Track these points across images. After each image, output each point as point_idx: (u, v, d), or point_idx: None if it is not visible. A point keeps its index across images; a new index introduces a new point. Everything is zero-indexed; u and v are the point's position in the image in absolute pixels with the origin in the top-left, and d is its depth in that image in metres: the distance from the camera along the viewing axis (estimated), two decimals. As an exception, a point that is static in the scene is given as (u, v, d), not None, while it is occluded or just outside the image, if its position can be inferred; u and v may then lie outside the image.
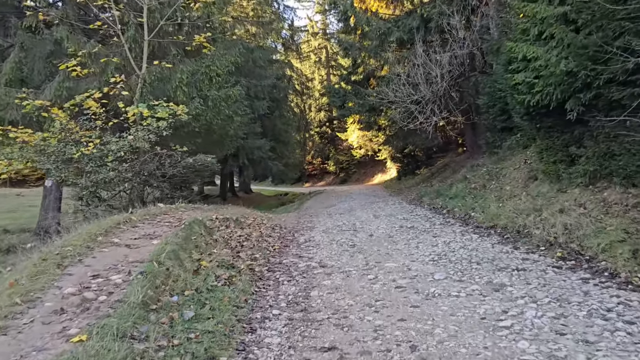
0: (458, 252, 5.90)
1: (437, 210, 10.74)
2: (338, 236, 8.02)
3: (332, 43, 48.13)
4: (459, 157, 21.21)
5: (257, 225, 8.73)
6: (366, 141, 33.37)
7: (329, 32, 48.47)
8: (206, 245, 5.87)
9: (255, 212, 11.10)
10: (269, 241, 7.41)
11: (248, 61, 24.17)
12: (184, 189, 9.64)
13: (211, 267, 5.04)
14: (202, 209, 8.52)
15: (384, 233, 8.06)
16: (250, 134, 23.06)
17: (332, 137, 43.98)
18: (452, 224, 8.48)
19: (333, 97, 19.43)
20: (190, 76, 10.30)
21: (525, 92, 7.73)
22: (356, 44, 18.21)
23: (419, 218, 9.62)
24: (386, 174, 34.75)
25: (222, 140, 12.50)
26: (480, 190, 10.79)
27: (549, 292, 4.04)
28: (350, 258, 6.15)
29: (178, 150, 9.17)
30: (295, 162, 33.49)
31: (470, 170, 14.01)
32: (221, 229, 7.14)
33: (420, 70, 13.59)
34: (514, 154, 11.74)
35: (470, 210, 9.35)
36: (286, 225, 9.90)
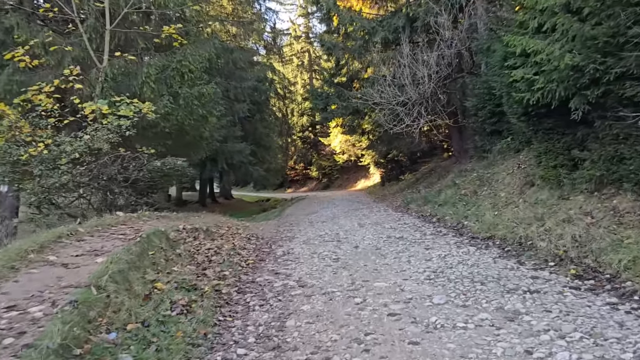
0: (457, 269, 5.16)
1: (426, 218, 10.03)
2: (320, 248, 7.23)
3: (314, 47, 47.59)
4: (445, 162, 20.64)
5: (230, 235, 7.90)
6: (349, 146, 32.74)
7: (312, 35, 47.94)
8: (166, 262, 5.04)
9: (231, 221, 10.26)
10: (243, 254, 6.59)
11: (228, 62, 23.38)
12: (150, 195, 8.75)
13: (168, 290, 4.21)
14: (169, 218, 7.66)
15: (371, 244, 7.30)
16: (229, 138, 22.20)
17: (315, 142, 43.26)
18: (444, 234, 7.77)
19: (315, 100, 18.68)
20: (160, 72, 9.45)
21: (524, 90, 7.08)
22: (339, 44, 17.50)
23: (407, 227, 8.89)
24: (369, 179, 34.15)
25: (196, 143, 11.63)
26: (471, 197, 10.13)
27: (576, 323, 3.32)
28: (334, 275, 5.37)
29: (144, 152, 8.31)
30: (277, 168, 32.65)
31: (458, 175, 13.38)
32: (188, 241, 6.31)
33: (407, 71, 12.93)
34: (505, 159, 11.13)
35: (463, 218, 8.66)
36: (264, 235, 9.08)
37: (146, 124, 8.68)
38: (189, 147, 11.61)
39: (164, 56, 9.78)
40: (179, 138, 10.52)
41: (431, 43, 13.64)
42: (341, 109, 16.92)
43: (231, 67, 23.39)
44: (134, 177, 7.75)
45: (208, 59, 10.80)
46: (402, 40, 13.94)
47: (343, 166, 39.02)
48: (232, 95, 22.39)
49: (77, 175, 7.05)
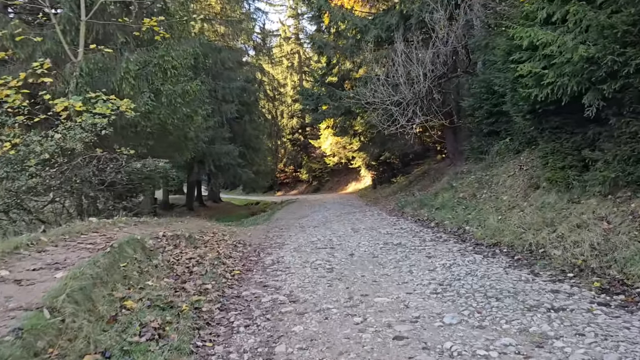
0: (466, 281, 4.65)
1: (424, 223, 9.53)
2: (312, 256, 6.68)
3: (304, 48, 47.09)
4: (438, 164, 20.20)
5: (215, 242, 7.33)
6: (340, 148, 32.25)
7: (302, 37, 47.45)
8: (140, 275, 4.46)
9: (217, 226, 9.68)
10: (228, 264, 6.02)
11: (216, 62, 22.78)
12: (130, 198, 8.15)
13: (138, 310, 3.64)
14: (149, 224, 7.07)
15: (367, 252, 6.77)
16: (217, 139, 21.61)
17: (305, 144, 42.73)
18: (445, 241, 7.26)
19: (306, 100, 18.16)
20: (140, 68, 8.84)
21: (531, 86, 6.60)
22: (330, 43, 17.01)
23: (405, 232, 8.38)
24: (360, 182, 33.68)
25: (180, 143, 11.02)
26: (470, 200, 9.65)
27: (619, 350, 2.81)
28: (329, 288, 4.83)
29: (123, 152, 7.71)
30: (266, 170, 32.02)
31: (454, 178, 12.92)
32: (167, 250, 5.73)
33: (401, 69, 12.44)
34: (505, 160, 10.68)
35: (464, 223, 8.16)
36: (251, 241, 8.51)
37: (125, 122, 8.09)
38: (173, 147, 11.00)
39: (145, 51, 9.18)
40: (161, 138, 9.91)
41: (426, 42, 13.19)
42: (332, 109, 16.41)
43: (219, 67, 22.80)
44: (111, 180, 7.13)
45: (193, 55, 10.21)
46: (396, 38, 13.46)
47: (333, 169, 38.53)
48: (219, 95, 21.81)
49: (47, 178, 6.44)
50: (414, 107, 12.60)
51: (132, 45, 9.42)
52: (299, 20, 45.83)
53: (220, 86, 21.75)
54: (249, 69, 28.34)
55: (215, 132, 21.49)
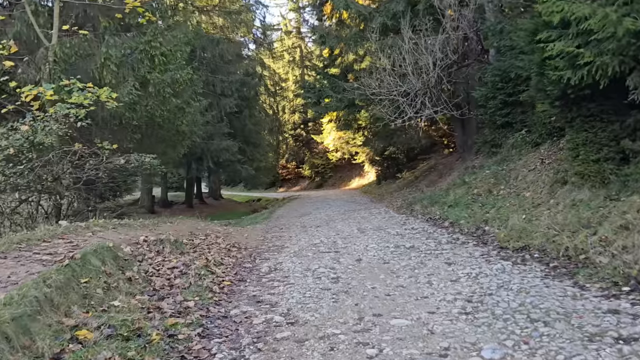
0: (499, 297, 3.86)
1: (437, 222, 8.74)
2: (315, 262, 5.91)
3: (306, 42, 46.22)
4: (446, 159, 19.40)
5: (206, 247, 6.56)
6: (343, 143, 31.47)
7: (304, 30, 46.56)
8: (106, 292, 3.70)
9: (211, 227, 8.91)
10: (218, 273, 5.24)
11: (214, 55, 22.03)
12: (114, 198, 7.39)
13: (94, 342, 2.87)
14: (131, 227, 6.30)
15: (376, 257, 5.99)
16: (216, 135, 20.85)
17: (307, 139, 41.93)
18: (464, 243, 6.47)
19: (307, 93, 17.39)
20: (125, 54, 8.06)
21: (563, 68, 5.79)
22: (333, 32, 16.19)
23: (416, 233, 7.59)
24: (364, 178, 32.91)
25: (172, 138, 10.23)
26: (486, 197, 8.85)
27: None
28: (334, 305, 4.05)
29: (104, 148, 6.95)
30: (267, 166, 31.25)
31: (466, 173, 12.12)
32: (147, 258, 4.97)
33: (409, 58, 11.62)
34: (522, 153, 9.89)
35: (482, 223, 7.37)
36: (247, 244, 7.74)
37: (108, 114, 7.32)
38: (165, 143, 10.23)
39: (131, 37, 8.39)
40: (151, 132, 9.14)
41: (435, 29, 12.35)
42: (335, 101, 15.60)
43: (217, 60, 22.04)
44: (87, 178, 6.36)
45: (185, 42, 9.42)
46: (403, 26, 12.62)
47: (336, 164, 37.78)
48: (218, 89, 21.05)
49: (11, 176, 5.67)
50: (422, 97, 11.79)
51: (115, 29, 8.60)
52: (300, 13, 44.95)
53: (218, 79, 20.98)
54: (248, 62, 27.54)
55: (214, 127, 20.75)
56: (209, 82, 21.17)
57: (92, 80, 7.13)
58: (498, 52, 11.30)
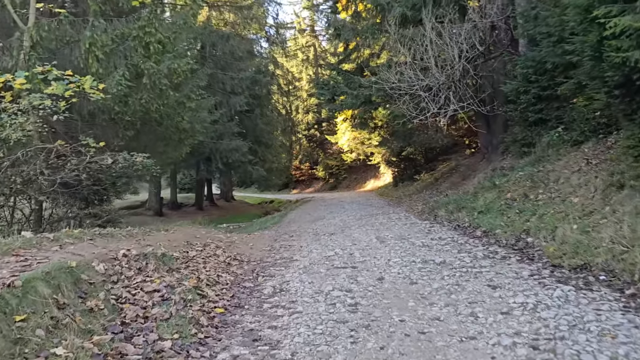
0: (576, 342, 2.87)
1: (466, 230, 7.72)
2: (328, 281, 4.95)
3: (320, 41, 45.39)
4: (468, 159, 18.30)
5: (202, 260, 5.64)
6: (358, 144, 30.51)
7: (317, 29, 45.75)
8: (51, 332, 2.79)
9: (212, 234, 8.00)
10: (210, 297, 4.32)
11: (225, 52, 21.24)
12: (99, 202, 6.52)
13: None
14: (113, 237, 5.41)
15: (402, 275, 5.02)
16: (226, 134, 20.03)
17: (321, 140, 41.06)
18: (505, 258, 5.46)
19: (321, 90, 16.40)
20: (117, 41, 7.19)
21: (629, 48, 4.77)
22: (348, 25, 15.22)
23: (445, 245, 6.58)
24: (379, 179, 31.90)
25: (172, 136, 9.34)
26: (523, 202, 7.80)
27: None
28: (353, 348, 3.10)
29: (90, 145, 6.09)
30: (280, 167, 30.39)
31: (494, 174, 11.07)
32: (124, 278, 4.06)
33: (431, 50, 10.60)
34: (561, 153, 8.82)
35: (523, 233, 6.35)
36: (252, 255, 6.81)
37: (96, 108, 6.45)
38: (164, 141, 9.36)
39: (124, 22, 7.52)
40: (147, 129, 8.28)
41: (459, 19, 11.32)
42: (351, 98, 14.61)
43: (227, 57, 21.23)
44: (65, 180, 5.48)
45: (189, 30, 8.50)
46: (425, 15, 11.61)
47: (351, 165, 36.83)
48: (228, 87, 20.21)
49: (-30, 178, 4.83)
50: (446, 92, 10.77)
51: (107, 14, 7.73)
52: (314, 12, 44.14)
53: (228, 77, 20.15)
54: (260, 60, 26.70)
55: (223, 126, 19.96)
56: (219, 80, 20.39)
57: (77, 70, 6.28)
58: (531, 41, 10.23)
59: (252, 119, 23.61)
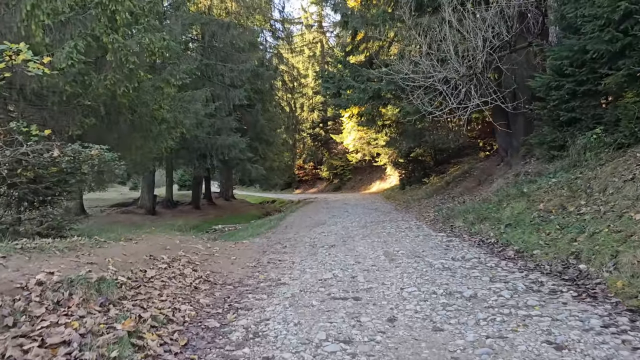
0: None
1: (493, 248, 6.39)
2: (320, 323, 3.66)
3: (327, 37, 44.13)
4: (483, 163, 16.96)
5: (161, 284, 4.35)
6: (364, 144, 29.30)
7: (325, 25, 44.48)
8: None
9: (192, 242, 6.72)
10: (150, 349, 3.03)
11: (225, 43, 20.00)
12: (40, 204, 5.25)
13: None
14: (42, 252, 4.12)
15: (420, 315, 3.73)
16: (224, 129, 18.78)
17: (326, 139, 39.81)
18: (554, 293, 4.14)
19: (326, 83, 15.11)
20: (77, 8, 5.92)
21: None
22: (357, 12, 13.90)
23: (472, 269, 5.26)
24: (385, 181, 30.64)
25: (149, 127, 8.04)
26: (562, 216, 6.47)
27: None
28: None
29: (32, 133, 4.84)
30: (282, 166, 29.12)
31: (519, 181, 9.78)
32: (25, 321, 2.80)
33: (453, 35, 9.29)
34: (602, 158, 7.54)
35: (571, 256, 5.04)
36: (230, 273, 5.53)
37: (43, 87, 5.18)
38: (142, 133, 8.08)
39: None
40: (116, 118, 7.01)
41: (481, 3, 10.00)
42: (358, 92, 13.31)
43: (228, 48, 19.98)
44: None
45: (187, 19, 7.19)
46: (442, 1, 10.29)
47: (356, 166, 35.61)
48: (227, 79, 18.95)
49: None
50: (467, 85, 9.45)
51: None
52: (322, 6, 42.89)
53: (227, 68, 18.89)
54: (264, 53, 25.43)
55: (221, 121, 18.72)
56: (217, 72, 19.15)
57: (19, 40, 5.03)
58: (567, 28, 8.90)
59: (252, 114, 22.36)
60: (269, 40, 30.42)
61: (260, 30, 26.00)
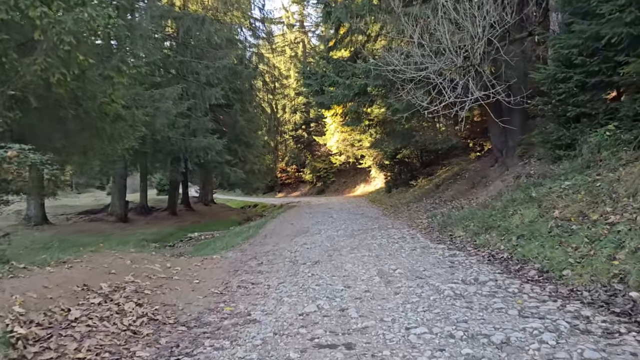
0: None
1: (508, 264, 5.37)
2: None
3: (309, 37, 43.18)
4: (474, 164, 16.05)
5: (85, 329, 3.21)
6: (347, 146, 28.28)
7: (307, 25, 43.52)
8: None
9: (144, 264, 5.57)
10: None
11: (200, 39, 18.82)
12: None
13: None
14: None
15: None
16: (199, 130, 17.57)
17: (309, 141, 38.75)
18: (613, 335, 3.11)
19: (308, 80, 14.08)
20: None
21: None
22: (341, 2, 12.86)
23: (489, 295, 4.21)
24: (370, 184, 29.71)
25: (97, 124, 6.81)
26: (585, 225, 5.47)
27: None
28: None
29: None
30: (263, 169, 27.89)
31: (522, 183, 8.83)
32: None
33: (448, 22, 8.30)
34: (622, 158, 6.65)
35: (614, 279, 4.04)
36: (188, 306, 4.40)
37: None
38: (92, 132, 6.88)
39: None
40: (51, 111, 5.82)
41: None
42: (342, 89, 12.28)
43: (203, 44, 18.80)
44: None
45: None
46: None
47: (340, 169, 34.64)
48: (203, 77, 17.76)
49: None
50: (464, 78, 8.47)
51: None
52: (303, 5, 41.95)
53: (203, 65, 17.70)
54: (243, 50, 24.24)
55: (197, 122, 17.52)
56: (193, 69, 17.97)
57: None
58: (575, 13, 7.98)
59: (231, 114, 21.19)
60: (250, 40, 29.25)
61: (240, 27, 24.83)
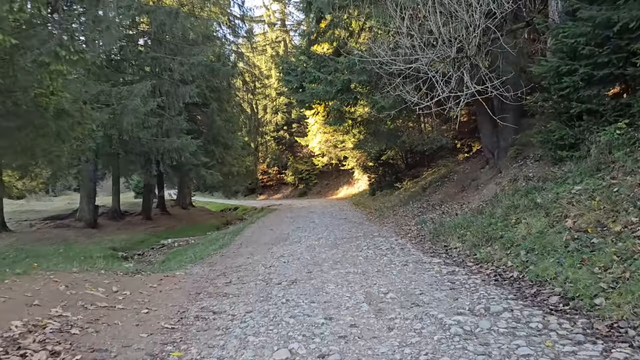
0: None
1: (520, 287, 4.51)
2: None
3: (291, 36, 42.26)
4: (462, 166, 15.27)
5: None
6: (330, 147, 27.36)
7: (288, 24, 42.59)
8: None
9: (88, 286, 4.59)
10: None
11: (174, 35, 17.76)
12: None
13: None
14: None
15: None
16: (173, 131, 16.50)
17: (291, 142, 37.83)
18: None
19: (288, 76, 13.17)
20: None
21: None
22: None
23: (508, 333, 3.35)
24: (353, 186, 28.93)
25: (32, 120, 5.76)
26: (605, 237, 4.67)
27: None
28: None
29: None
30: (243, 171, 26.82)
31: (520, 187, 8.02)
32: None
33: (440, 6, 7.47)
34: (635, 158, 5.87)
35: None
36: (122, 354, 3.45)
37: None
38: (33, 129, 5.86)
39: None
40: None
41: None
42: (324, 85, 11.39)
43: (177, 40, 17.75)
44: None
45: None
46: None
47: (322, 170, 33.75)
48: (176, 74, 16.71)
49: None
50: (459, 70, 7.65)
51: None
52: (284, 4, 41.06)
53: (177, 62, 16.64)
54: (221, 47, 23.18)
55: (170, 121, 16.45)
56: (166, 66, 16.91)
57: None
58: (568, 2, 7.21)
59: (208, 114, 20.14)
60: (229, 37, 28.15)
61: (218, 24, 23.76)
